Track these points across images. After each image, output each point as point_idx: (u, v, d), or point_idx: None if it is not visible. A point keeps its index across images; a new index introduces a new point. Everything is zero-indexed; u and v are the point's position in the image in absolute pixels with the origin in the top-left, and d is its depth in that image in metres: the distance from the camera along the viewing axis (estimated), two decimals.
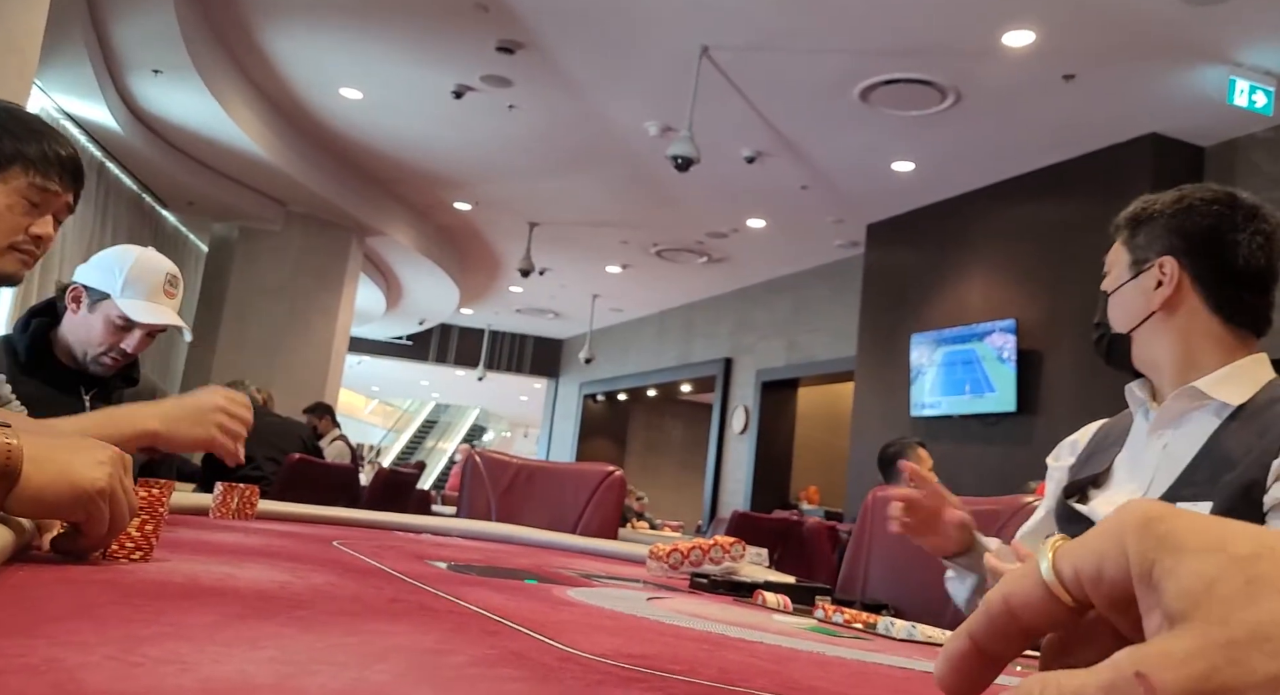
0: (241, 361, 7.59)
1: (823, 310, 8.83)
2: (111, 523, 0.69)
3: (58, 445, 0.68)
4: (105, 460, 0.69)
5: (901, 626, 0.93)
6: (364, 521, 1.63)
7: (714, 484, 10.01)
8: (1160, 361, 1.24)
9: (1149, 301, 1.23)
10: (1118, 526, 0.28)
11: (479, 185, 7.94)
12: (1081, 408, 5.06)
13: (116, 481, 0.69)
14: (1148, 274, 1.23)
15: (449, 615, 0.67)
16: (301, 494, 3.49)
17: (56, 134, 1.35)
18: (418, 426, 26.42)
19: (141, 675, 0.38)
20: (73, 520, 0.68)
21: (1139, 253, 1.25)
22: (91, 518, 0.68)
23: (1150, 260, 1.23)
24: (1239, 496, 1.06)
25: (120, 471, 0.70)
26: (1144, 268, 1.24)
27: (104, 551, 0.72)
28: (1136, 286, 1.25)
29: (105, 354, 1.83)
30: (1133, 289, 1.25)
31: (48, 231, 1.33)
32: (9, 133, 1.27)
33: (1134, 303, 1.25)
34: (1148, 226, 1.25)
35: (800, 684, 0.57)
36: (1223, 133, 5.32)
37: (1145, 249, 1.24)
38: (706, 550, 1.31)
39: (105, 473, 0.68)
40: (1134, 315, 1.25)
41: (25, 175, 1.29)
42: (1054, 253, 5.87)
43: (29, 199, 1.30)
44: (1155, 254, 1.23)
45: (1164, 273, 1.22)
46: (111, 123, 5.95)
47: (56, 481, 0.65)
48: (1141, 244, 1.25)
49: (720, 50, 5.09)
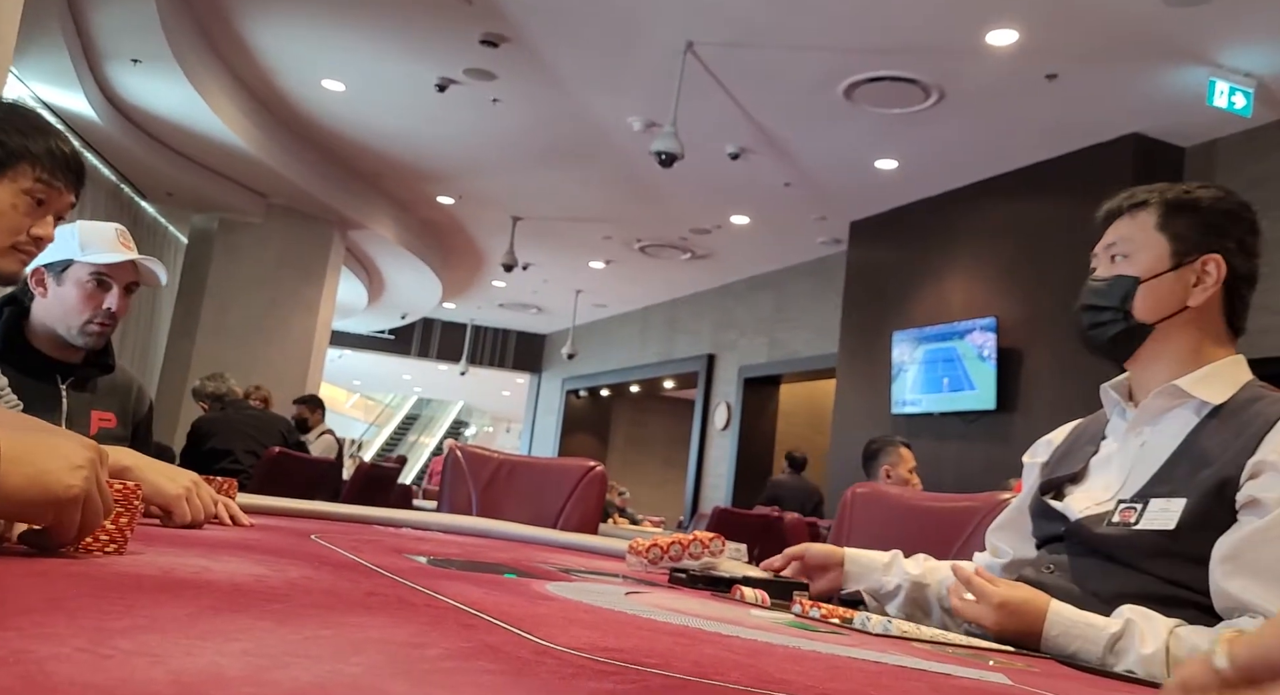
0: (221, 354, 7.53)
1: (805, 307, 8.86)
2: (83, 523, 0.68)
3: (37, 446, 0.67)
4: (83, 463, 0.68)
5: (878, 621, 0.94)
6: (343, 516, 1.62)
7: (695, 480, 10.03)
8: (1164, 358, 1.22)
9: (1185, 296, 1.20)
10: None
11: (462, 179, 7.91)
12: (1060, 406, 5.10)
13: (92, 485, 0.68)
14: (1189, 268, 1.20)
15: (426, 609, 0.67)
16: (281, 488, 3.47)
17: (59, 132, 1.33)
18: (399, 421, 26.32)
19: (112, 667, 0.37)
20: (41, 524, 0.68)
21: (1181, 244, 1.20)
22: (60, 523, 0.67)
23: (1194, 255, 1.19)
24: (1213, 494, 1.08)
25: (96, 472, 0.69)
26: (1186, 260, 1.20)
27: (76, 545, 0.71)
28: (1177, 279, 1.20)
29: (91, 320, 1.80)
30: (1172, 280, 1.20)
31: (48, 233, 1.31)
32: (15, 129, 1.25)
33: (1170, 294, 1.20)
34: (1191, 217, 1.21)
35: (774, 677, 0.58)
36: (1203, 133, 5.37)
37: (1189, 241, 1.20)
38: (686, 545, 1.31)
39: (81, 478, 0.67)
40: (1165, 307, 1.20)
41: (31, 173, 1.26)
42: (1035, 252, 5.91)
43: (34, 197, 1.28)
44: (1201, 250, 1.19)
45: (1207, 271, 1.19)
46: (90, 112, 5.89)
47: (30, 485, 0.64)
48: (1184, 235, 1.20)
49: (705, 46, 5.09)
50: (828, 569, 1.37)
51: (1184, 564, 1.07)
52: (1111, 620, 1.02)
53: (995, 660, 0.85)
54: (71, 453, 0.68)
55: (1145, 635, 0.99)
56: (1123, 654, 0.99)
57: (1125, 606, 1.04)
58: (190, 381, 5.51)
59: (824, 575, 1.37)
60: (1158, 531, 1.09)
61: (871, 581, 1.36)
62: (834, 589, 1.36)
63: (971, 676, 0.72)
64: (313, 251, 8.32)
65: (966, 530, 1.70)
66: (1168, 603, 1.05)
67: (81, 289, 1.79)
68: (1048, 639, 1.04)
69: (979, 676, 0.72)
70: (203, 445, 4.35)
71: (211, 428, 4.45)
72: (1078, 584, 1.15)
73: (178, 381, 7.58)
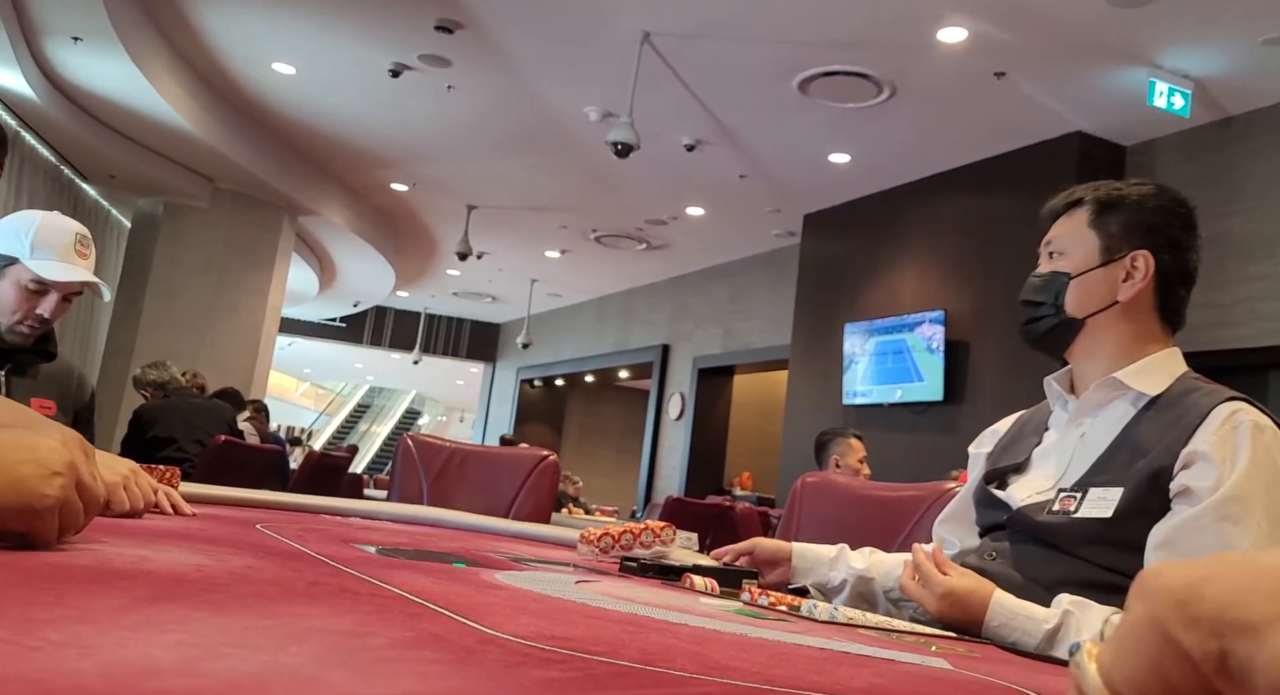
0: (166, 342, 7.36)
1: (759, 299, 8.92)
2: (62, 527, 0.67)
3: (14, 451, 0.65)
4: (60, 470, 0.66)
5: (824, 608, 0.95)
6: (290, 505, 1.60)
7: (650, 470, 10.06)
8: (1100, 352, 1.25)
9: (1113, 292, 1.23)
10: (1151, 620, 0.24)
11: (416, 166, 7.81)
12: (1005, 398, 5.21)
13: (70, 490, 0.66)
14: (1118, 264, 1.23)
15: (371, 598, 0.66)
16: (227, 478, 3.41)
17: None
18: (351, 410, 26.00)
19: (38, 658, 0.36)
20: (16, 531, 0.66)
21: (1111, 240, 1.23)
22: (35, 531, 0.65)
23: (1123, 251, 1.22)
24: (1148, 483, 1.11)
25: (77, 473, 0.67)
26: (1115, 256, 1.23)
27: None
28: (1105, 275, 1.23)
29: (21, 322, 1.76)
30: (1101, 276, 1.24)
31: None
32: None
33: (1097, 290, 1.24)
34: (1122, 214, 1.24)
35: (720, 664, 0.58)
36: (1143, 133, 5.51)
37: (1119, 238, 1.23)
38: (637, 534, 1.31)
39: (58, 486, 0.65)
40: (1094, 302, 1.24)
41: None
42: (982, 246, 6.01)
43: None
44: (1130, 246, 1.23)
45: (1136, 267, 1.22)
46: (27, 91, 5.70)
47: (3, 494, 0.63)
48: (1114, 232, 1.23)
49: (662, 37, 5.08)
50: (776, 563, 1.38)
51: (1121, 551, 1.10)
52: (1051, 612, 1.05)
53: (938, 646, 0.87)
54: (49, 457, 0.66)
55: (1081, 625, 1.02)
56: (1060, 643, 1.02)
57: (1064, 596, 1.06)
58: (133, 370, 5.37)
59: (773, 570, 1.38)
60: (1096, 519, 1.12)
61: (818, 576, 1.37)
62: (782, 583, 1.37)
63: (914, 661, 0.73)
64: (262, 237, 8.16)
65: (912, 519, 1.73)
66: (1105, 589, 1.08)
67: (19, 291, 1.74)
68: (988, 628, 1.06)
69: (921, 661, 0.73)
70: (145, 434, 4.25)
71: (154, 416, 4.35)
72: (1019, 570, 1.18)
73: (120, 369, 7.39)
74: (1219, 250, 4.93)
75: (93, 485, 0.70)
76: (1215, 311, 4.96)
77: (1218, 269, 4.92)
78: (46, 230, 1.76)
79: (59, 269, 1.75)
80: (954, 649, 0.87)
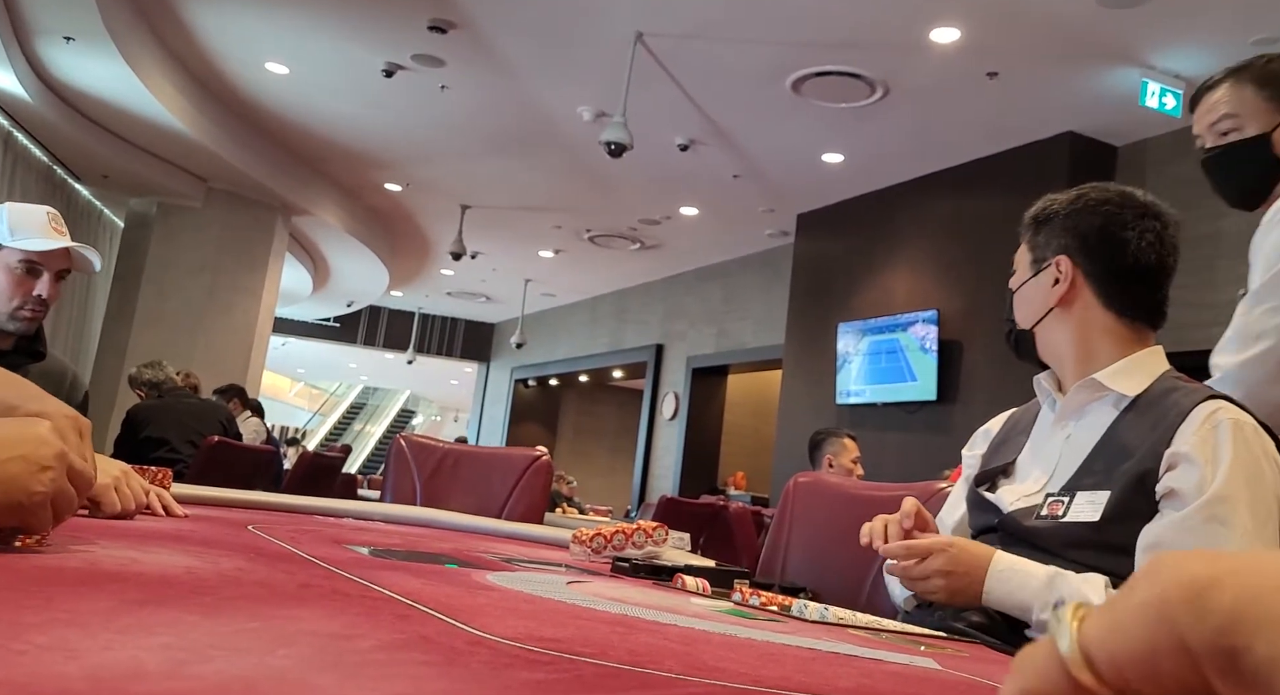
0: (160, 342, 7.34)
1: (753, 298, 8.93)
2: (55, 516, 0.67)
3: (4, 447, 0.64)
4: (50, 463, 0.66)
5: (814, 609, 0.96)
6: (283, 506, 1.59)
7: (643, 469, 10.06)
8: (1061, 355, 1.30)
9: (1047, 298, 1.29)
10: (1160, 603, 0.22)
11: (410, 166, 7.80)
12: (998, 397, 5.21)
13: (61, 481, 0.66)
14: (1046, 272, 1.29)
15: (361, 600, 0.66)
16: (219, 478, 3.41)
17: None
18: (345, 410, 25.96)
19: (25, 662, 0.36)
20: (8, 525, 0.66)
21: (1038, 251, 1.31)
22: (25, 524, 0.65)
23: (1048, 259, 1.29)
24: (1133, 486, 1.12)
25: (68, 461, 0.67)
26: (1043, 266, 1.30)
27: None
28: (1036, 284, 1.31)
29: (21, 307, 1.76)
30: (1033, 286, 1.31)
31: None
32: None
33: (1035, 299, 1.31)
34: (1047, 226, 1.31)
35: (708, 665, 0.58)
36: (1135, 133, 5.52)
37: (1044, 247, 1.30)
38: (629, 535, 1.31)
39: (47, 481, 0.65)
40: (1035, 311, 1.31)
41: None
42: (975, 246, 6.03)
43: None
44: (1052, 252, 1.28)
45: (1060, 270, 1.27)
46: (20, 91, 5.68)
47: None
48: (1041, 243, 1.31)
49: (655, 37, 5.08)
50: None
51: (1110, 555, 1.11)
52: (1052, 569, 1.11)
53: (926, 645, 0.87)
54: (37, 451, 0.66)
55: (1084, 583, 1.08)
56: (1061, 587, 1.07)
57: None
58: (127, 370, 5.35)
59: None
60: (1084, 523, 1.13)
61: None
62: None
63: (901, 661, 0.73)
64: (255, 237, 8.14)
65: None
66: None
67: (11, 275, 1.74)
68: (993, 574, 1.11)
69: (908, 661, 0.74)
70: (138, 434, 4.24)
71: (147, 416, 4.34)
72: None
73: (114, 370, 7.37)
74: (1211, 250, 4.94)
75: (84, 468, 0.70)
76: (1208, 311, 4.97)
77: (1209, 268, 4.94)
78: (17, 213, 1.77)
79: (45, 242, 1.76)
80: (942, 648, 0.87)
